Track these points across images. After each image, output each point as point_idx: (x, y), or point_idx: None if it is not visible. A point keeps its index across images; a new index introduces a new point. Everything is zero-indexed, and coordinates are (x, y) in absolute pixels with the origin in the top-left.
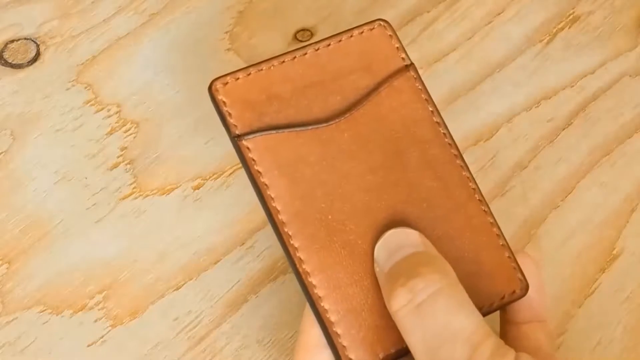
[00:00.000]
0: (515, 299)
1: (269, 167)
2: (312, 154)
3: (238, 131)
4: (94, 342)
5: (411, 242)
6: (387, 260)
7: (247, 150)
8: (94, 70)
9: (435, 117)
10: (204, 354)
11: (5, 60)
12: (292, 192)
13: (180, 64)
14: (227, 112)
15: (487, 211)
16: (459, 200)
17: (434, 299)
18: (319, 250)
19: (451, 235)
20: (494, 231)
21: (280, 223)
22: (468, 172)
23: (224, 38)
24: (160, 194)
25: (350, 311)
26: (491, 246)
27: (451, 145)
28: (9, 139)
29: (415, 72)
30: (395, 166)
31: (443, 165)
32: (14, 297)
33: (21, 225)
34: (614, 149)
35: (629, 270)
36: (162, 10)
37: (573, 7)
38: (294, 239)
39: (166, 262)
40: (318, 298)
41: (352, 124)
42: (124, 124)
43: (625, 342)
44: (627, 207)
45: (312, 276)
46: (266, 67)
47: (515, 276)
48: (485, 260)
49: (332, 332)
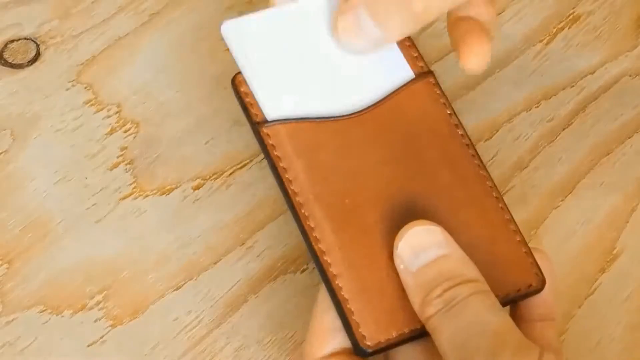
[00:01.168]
0: (531, 293)
1: (288, 152)
2: (330, 142)
3: (259, 119)
4: (94, 342)
5: (436, 242)
6: (413, 261)
7: (267, 136)
8: (94, 70)
9: (453, 119)
10: (204, 354)
11: (5, 60)
12: (309, 176)
13: (181, 64)
14: (249, 103)
15: (504, 208)
16: (476, 194)
17: (465, 303)
18: (335, 231)
19: (468, 224)
20: (512, 227)
21: (298, 205)
22: (485, 172)
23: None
24: (160, 194)
25: (365, 290)
26: (508, 240)
27: (469, 146)
28: (9, 139)
29: (434, 79)
30: (414, 160)
31: (461, 163)
32: (14, 297)
33: (21, 225)
34: (614, 149)
35: (629, 270)
36: (162, 10)
37: (573, 7)
38: (311, 220)
39: (166, 262)
40: (333, 276)
41: (372, 119)
42: (124, 124)
43: (625, 342)
44: (627, 207)
45: (327, 255)
46: None
47: (532, 270)
48: (502, 252)
49: (346, 309)
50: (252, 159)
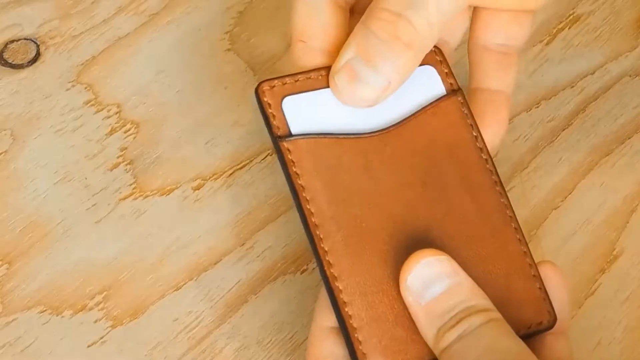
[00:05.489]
0: (541, 331)
1: (308, 169)
2: (351, 161)
3: (280, 132)
4: (94, 343)
5: (445, 273)
6: (422, 293)
7: (288, 151)
8: (94, 70)
9: (479, 142)
10: (204, 354)
11: (5, 61)
12: (327, 196)
13: (180, 64)
14: (272, 114)
15: (521, 240)
16: (494, 225)
17: (480, 332)
18: (349, 256)
19: (483, 258)
20: (527, 261)
21: (313, 225)
22: (506, 200)
23: (224, 38)
24: (160, 194)
25: (374, 319)
26: (523, 275)
27: (492, 172)
28: (9, 139)
29: (462, 98)
30: (434, 184)
31: (482, 190)
32: (14, 297)
33: (21, 225)
34: (614, 149)
35: (629, 271)
36: (162, 10)
37: (573, 7)
38: (325, 242)
39: (166, 262)
40: (343, 303)
41: (395, 138)
42: (124, 124)
43: (625, 342)
44: (627, 207)
45: (339, 280)
46: (315, 75)
47: (544, 308)
48: (515, 288)
49: (353, 338)
50: (252, 159)
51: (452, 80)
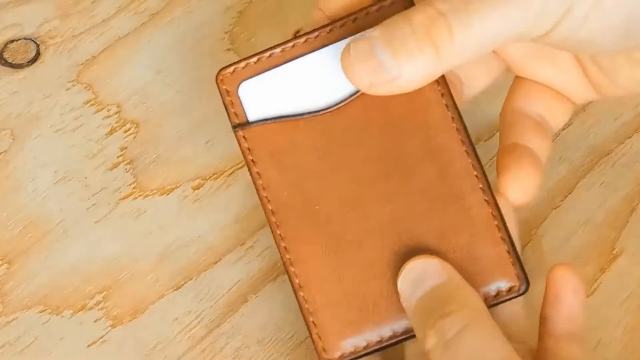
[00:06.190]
0: (513, 296)
1: (263, 156)
2: (306, 143)
3: (238, 120)
4: (94, 342)
5: (433, 273)
6: (412, 295)
7: (243, 139)
8: (94, 70)
9: (445, 99)
10: (204, 354)
11: (5, 60)
12: (281, 182)
13: (180, 64)
14: (229, 102)
15: (489, 201)
16: (459, 191)
17: (462, 335)
18: (303, 241)
19: (446, 229)
20: (494, 224)
21: (269, 212)
22: (474, 160)
23: (224, 38)
24: (160, 194)
25: (328, 303)
26: (490, 240)
27: (459, 131)
28: (9, 139)
29: None
30: (393, 155)
31: (447, 152)
32: (14, 297)
33: (21, 225)
34: (614, 149)
35: (629, 271)
36: (162, 10)
37: None
38: (280, 228)
39: (166, 262)
40: (298, 287)
41: (351, 112)
42: (124, 124)
43: (625, 342)
44: (627, 207)
45: (294, 266)
46: (277, 52)
47: (513, 273)
48: (482, 255)
49: (308, 321)
50: None
51: None
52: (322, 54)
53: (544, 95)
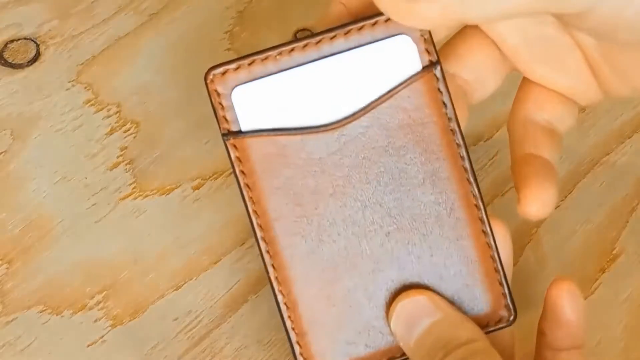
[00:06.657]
0: (502, 327)
1: (253, 169)
2: (302, 160)
3: (229, 128)
4: (94, 342)
5: (425, 311)
6: (408, 335)
7: (234, 149)
8: (94, 70)
9: (452, 124)
10: (204, 354)
11: (5, 60)
12: (273, 198)
13: (180, 64)
14: (220, 105)
15: (486, 232)
16: (457, 221)
17: None
18: (292, 261)
19: (441, 258)
20: (489, 254)
21: (258, 227)
22: (475, 188)
23: (224, 38)
24: (160, 194)
25: (314, 325)
26: (483, 270)
27: (463, 158)
28: (9, 139)
29: (440, 72)
30: (391, 179)
31: (448, 179)
32: (14, 297)
33: (21, 225)
34: (614, 149)
35: (629, 270)
36: (162, 10)
37: None
38: (270, 245)
39: (166, 262)
40: (285, 308)
41: (352, 130)
42: (124, 124)
43: (625, 342)
44: (627, 207)
45: (282, 285)
46: (272, 55)
47: (502, 303)
48: (474, 284)
49: (293, 342)
50: None
51: (431, 48)
52: (325, 65)
53: (551, 100)
